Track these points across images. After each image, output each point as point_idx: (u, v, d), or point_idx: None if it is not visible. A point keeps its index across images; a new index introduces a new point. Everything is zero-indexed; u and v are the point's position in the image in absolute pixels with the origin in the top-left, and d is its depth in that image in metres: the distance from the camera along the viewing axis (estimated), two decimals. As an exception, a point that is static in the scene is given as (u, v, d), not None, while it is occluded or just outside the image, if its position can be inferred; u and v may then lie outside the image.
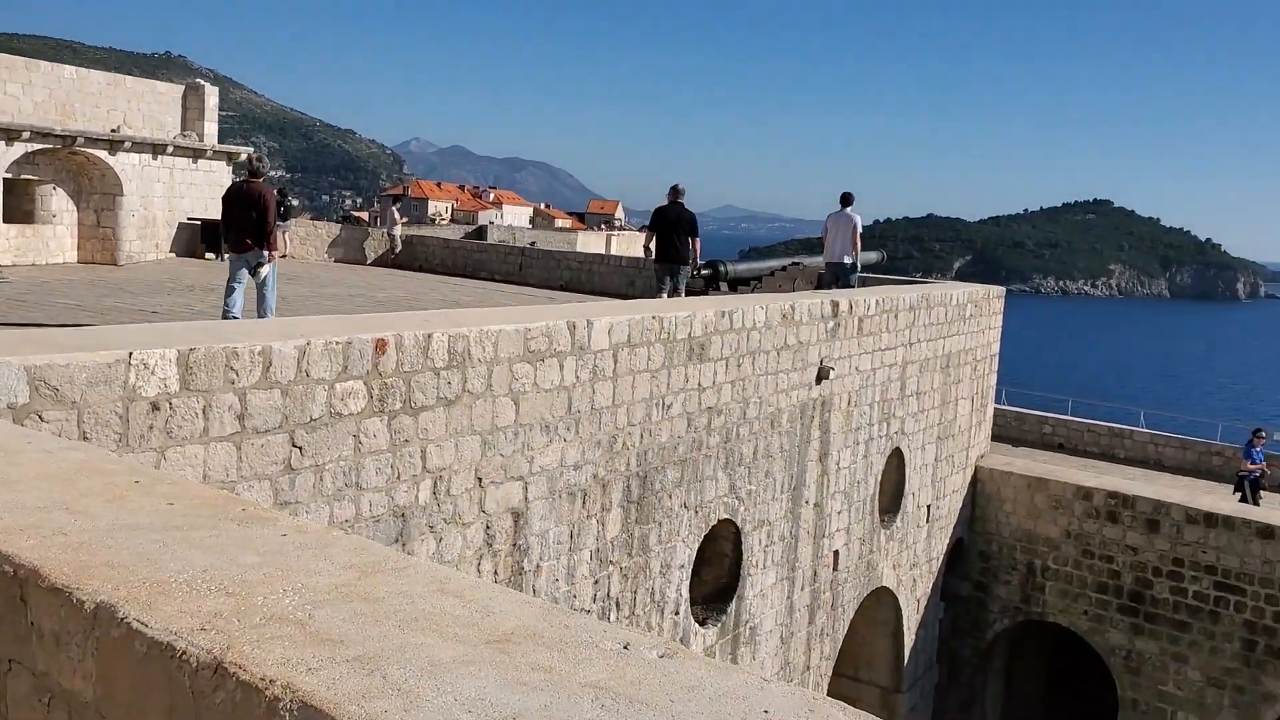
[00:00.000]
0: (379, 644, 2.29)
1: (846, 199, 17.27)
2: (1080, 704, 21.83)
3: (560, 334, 8.99)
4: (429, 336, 7.76)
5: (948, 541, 18.66)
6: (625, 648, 2.44)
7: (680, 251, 15.20)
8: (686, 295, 15.81)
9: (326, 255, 27.91)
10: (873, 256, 23.34)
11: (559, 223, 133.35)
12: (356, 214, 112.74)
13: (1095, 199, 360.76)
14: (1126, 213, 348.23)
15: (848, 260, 17.03)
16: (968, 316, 18.06)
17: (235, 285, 12.99)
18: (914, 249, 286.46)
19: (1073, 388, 45.24)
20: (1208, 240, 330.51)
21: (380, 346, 7.40)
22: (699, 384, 10.98)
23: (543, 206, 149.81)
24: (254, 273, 12.96)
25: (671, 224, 15.19)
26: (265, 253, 12.86)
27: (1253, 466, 18.18)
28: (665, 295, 15.48)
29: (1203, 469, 23.50)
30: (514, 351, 8.49)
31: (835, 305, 13.47)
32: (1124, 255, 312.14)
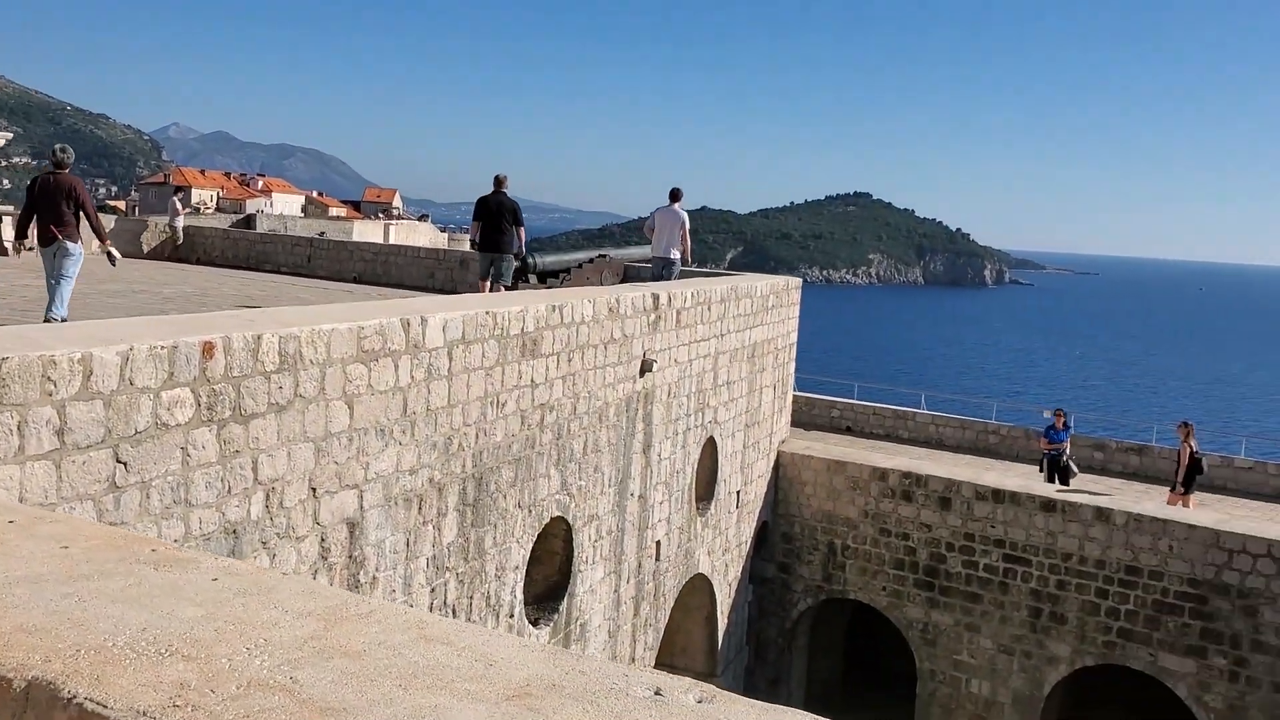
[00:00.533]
0: (389, 710, 2.00)
1: (675, 194, 17.36)
2: (876, 677, 22.80)
3: (394, 332, 8.56)
4: (259, 338, 7.21)
5: (755, 525, 19.09)
6: (657, 693, 2.24)
7: (505, 240, 14.88)
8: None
9: (96, 250, 25.86)
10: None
11: (333, 211, 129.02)
12: (112, 203, 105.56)
13: (855, 191, 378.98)
14: (884, 205, 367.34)
15: (675, 255, 17.11)
16: (770, 307, 18.47)
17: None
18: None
19: (850, 373, 47.30)
20: (958, 230, 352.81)
21: (208, 350, 6.81)
22: (532, 380, 10.73)
23: (315, 195, 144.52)
24: (60, 264, 12.09)
25: (495, 212, 14.85)
26: (73, 244, 12.11)
27: (1052, 446, 19.37)
28: (489, 285, 15.13)
29: (980, 447, 24.97)
30: (347, 352, 8.02)
31: (656, 298, 13.47)
32: (882, 245, 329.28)
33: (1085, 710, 19.74)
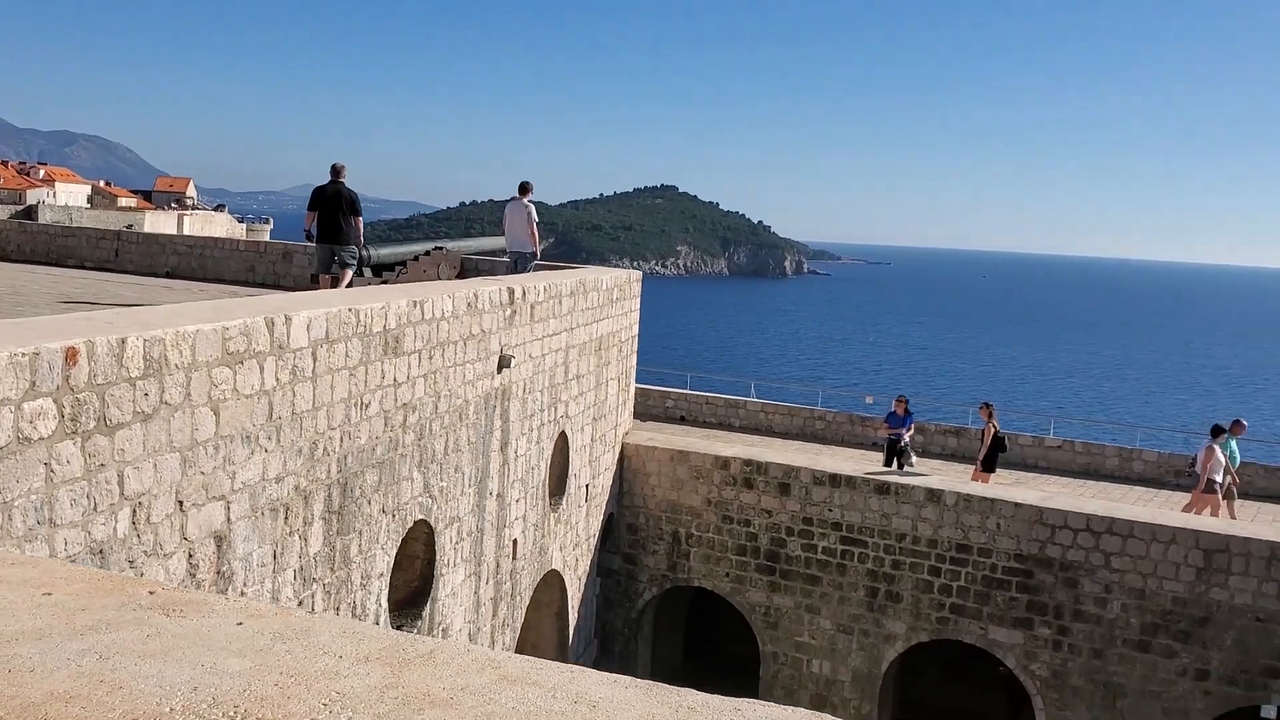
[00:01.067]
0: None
1: (524, 188, 17.12)
2: (715, 661, 23.18)
3: (259, 332, 8.08)
4: (123, 342, 6.67)
5: (602, 518, 19.07)
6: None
7: (344, 232, 14.29)
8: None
9: None
10: (500, 242, 23.29)
11: (123, 202, 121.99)
12: None
13: (663, 184, 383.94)
14: (690, 197, 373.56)
15: (528, 249, 16.85)
16: (615, 300, 18.46)
17: None
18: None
19: (670, 364, 47.94)
20: (759, 222, 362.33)
21: (71, 356, 6.25)
22: (394, 379, 10.34)
23: (102, 184, 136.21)
24: None
25: (332, 203, 14.24)
26: None
27: (894, 432, 20.02)
28: (330, 279, 14.51)
29: (808, 433, 25.69)
30: (213, 355, 7.52)
31: (512, 292, 13.23)
32: (689, 237, 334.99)
33: (919, 683, 20.60)
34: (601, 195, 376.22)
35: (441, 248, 20.44)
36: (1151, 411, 79.35)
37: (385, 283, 17.69)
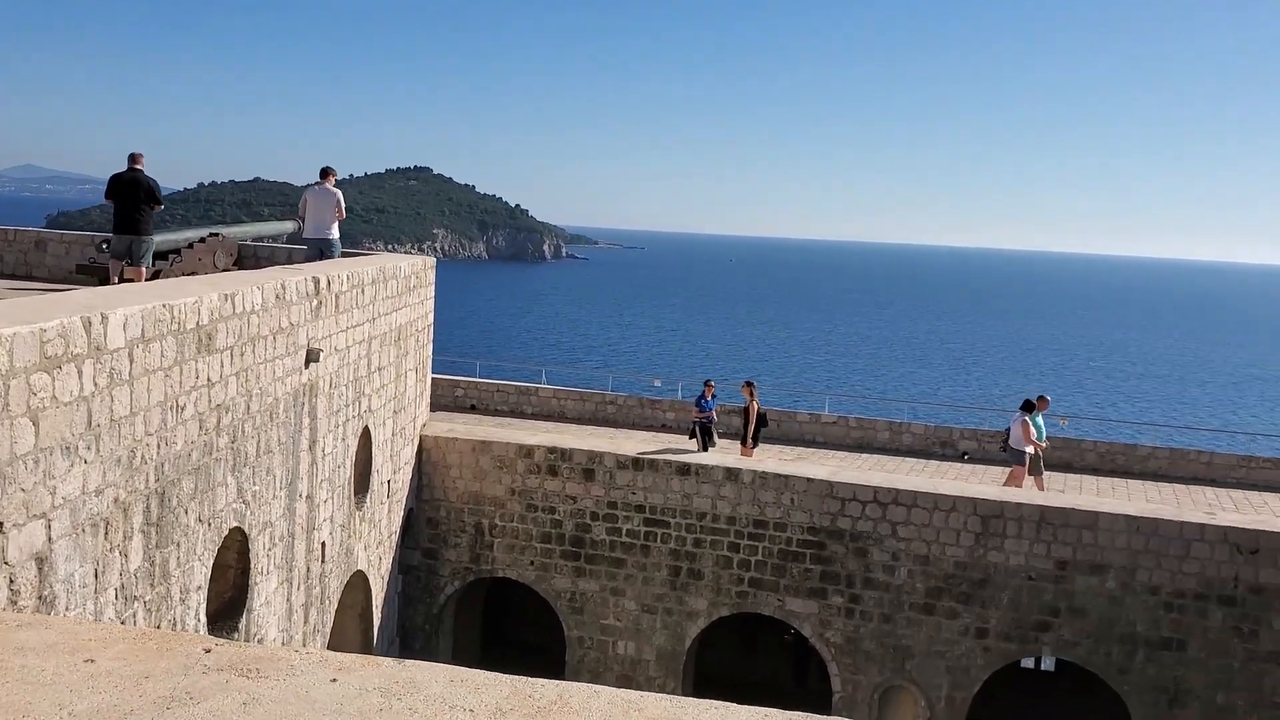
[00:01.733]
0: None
1: (326, 173, 16.39)
2: (514, 650, 23.08)
3: (76, 333, 7.38)
4: (-68, 349, 5.93)
5: (402, 514, 18.57)
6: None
7: (142, 223, 13.23)
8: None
9: None
10: (289, 226, 22.27)
11: None
12: None
13: (416, 165, 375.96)
14: (445, 179, 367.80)
15: (334, 235, 16.07)
16: (412, 288, 17.97)
17: None
18: (244, 213, 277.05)
19: (453, 350, 47.14)
20: (517, 206, 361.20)
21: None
22: (208, 379, 9.68)
23: None
24: None
25: (130, 192, 13.15)
26: None
27: (703, 415, 20.52)
28: (122, 274, 13.41)
29: (600, 417, 25.91)
30: (30, 359, 6.81)
31: (317, 282, 12.63)
32: (446, 220, 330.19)
33: (716, 657, 21.19)
34: (351, 176, 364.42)
35: (217, 234, 19.29)
36: (908, 386, 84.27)
37: (160, 274, 16.52)
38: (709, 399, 20.57)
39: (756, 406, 20.94)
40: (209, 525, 9.99)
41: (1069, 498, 18.73)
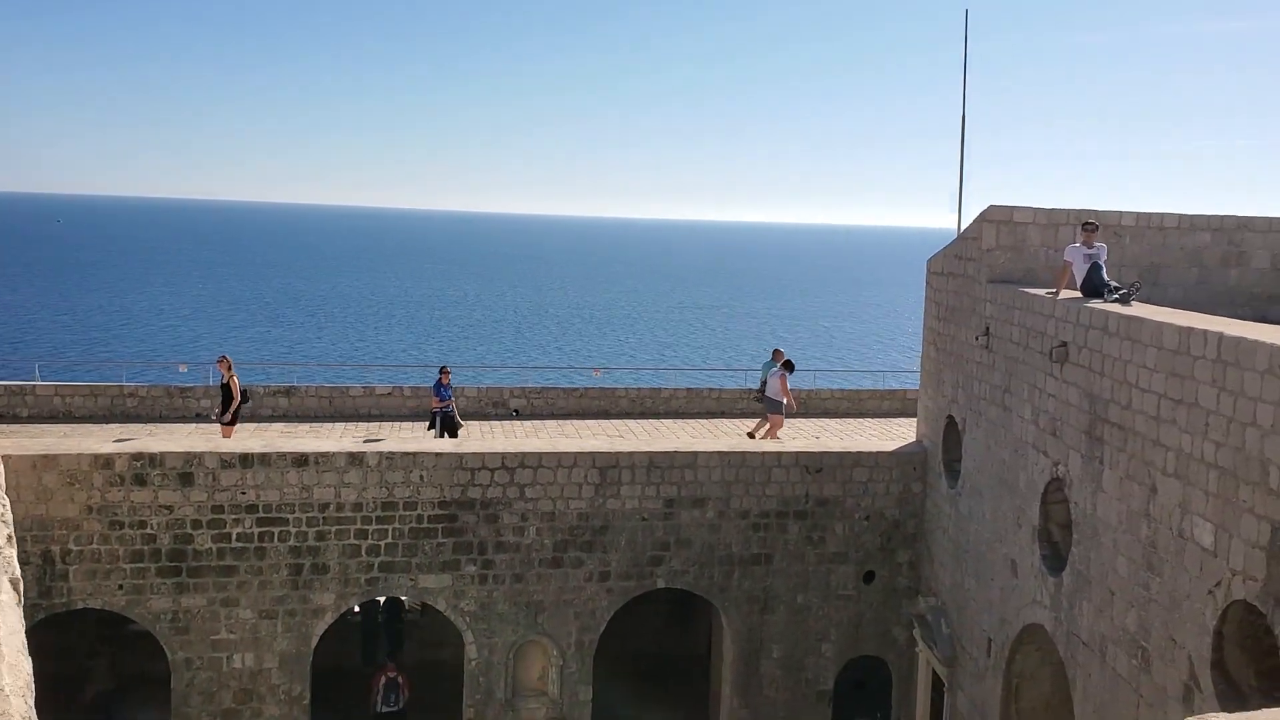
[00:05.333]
0: None
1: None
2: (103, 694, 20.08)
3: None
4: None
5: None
6: None
7: None
8: None
9: None
10: None
11: None
12: None
13: None
14: None
15: None
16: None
17: None
18: None
19: None
20: None
21: None
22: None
23: None
24: None
25: None
26: None
27: (443, 403, 19.92)
28: None
29: (119, 413, 22.88)
30: None
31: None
32: None
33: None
34: None
35: None
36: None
37: None
38: (446, 386, 20.26)
39: (237, 383, 20.11)
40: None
41: (671, 441, 20.59)
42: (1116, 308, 13.31)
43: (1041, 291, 15.35)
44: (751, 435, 22.26)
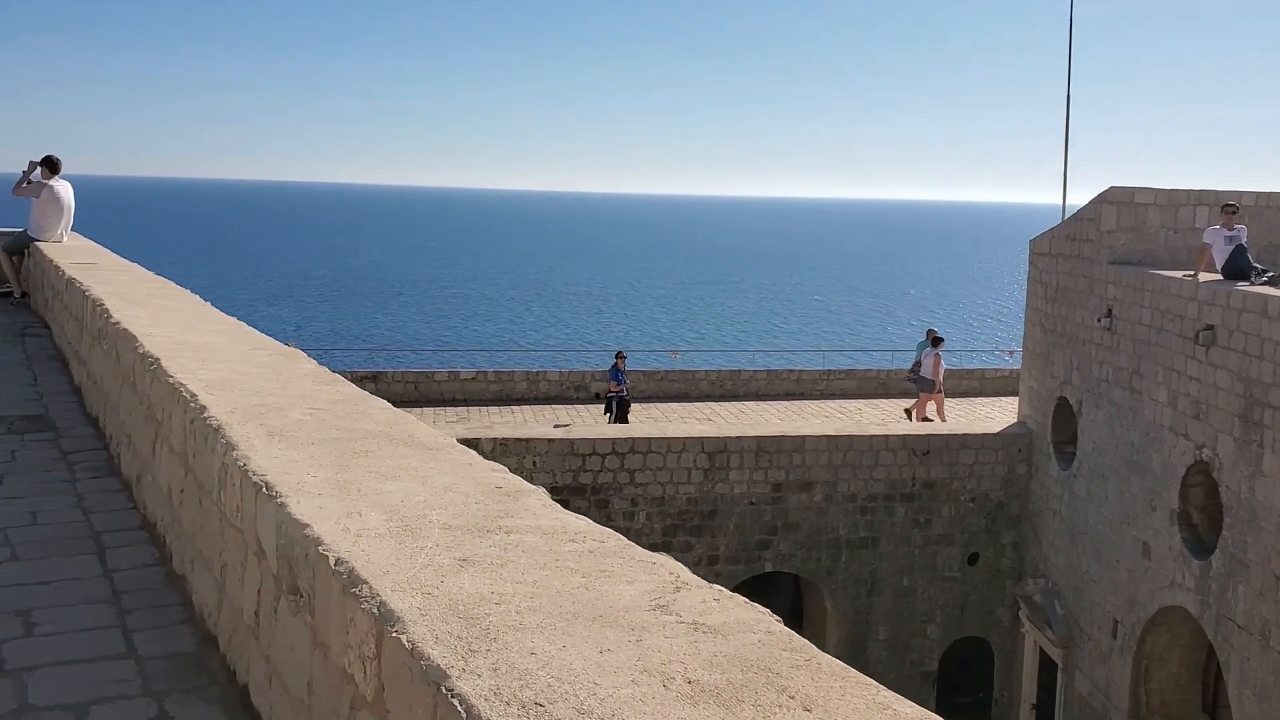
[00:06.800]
0: None
1: None
2: None
3: None
4: None
5: None
6: None
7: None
8: None
9: None
10: None
11: None
12: None
13: None
14: None
15: None
16: None
17: None
18: None
19: None
20: None
21: None
22: None
23: None
24: None
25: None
26: None
27: (618, 388, 20.77)
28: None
29: None
30: None
31: None
32: None
33: None
34: None
35: None
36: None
37: None
38: (621, 370, 21.44)
39: None
40: None
41: (777, 426, 20.55)
42: (1270, 290, 13.21)
43: (1177, 274, 15.24)
44: (908, 414, 22.50)
